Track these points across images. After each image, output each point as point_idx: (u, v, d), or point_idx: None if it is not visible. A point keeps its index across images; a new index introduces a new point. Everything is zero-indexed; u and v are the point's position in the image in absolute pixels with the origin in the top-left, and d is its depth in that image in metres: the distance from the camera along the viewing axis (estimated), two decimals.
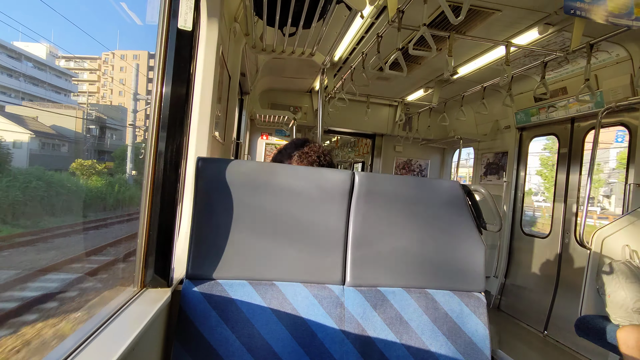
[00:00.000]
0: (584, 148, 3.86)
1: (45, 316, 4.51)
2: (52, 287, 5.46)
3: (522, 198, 4.64)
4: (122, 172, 20.71)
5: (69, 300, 5.13)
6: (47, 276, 5.81)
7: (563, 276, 3.86)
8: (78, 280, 5.86)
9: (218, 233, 1.06)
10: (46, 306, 4.77)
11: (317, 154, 1.51)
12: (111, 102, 48.88)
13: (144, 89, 45.22)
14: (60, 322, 4.43)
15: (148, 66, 53.71)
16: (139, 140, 32.46)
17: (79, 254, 7.19)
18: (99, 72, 52.69)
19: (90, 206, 13.71)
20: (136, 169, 19.72)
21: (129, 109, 39.48)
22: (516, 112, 4.39)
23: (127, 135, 34.15)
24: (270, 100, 5.62)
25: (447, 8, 2.06)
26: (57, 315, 4.61)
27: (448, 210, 1.20)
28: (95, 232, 10.23)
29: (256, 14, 2.29)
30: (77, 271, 6.26)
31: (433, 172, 6.32)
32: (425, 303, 1.14)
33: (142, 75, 49.45)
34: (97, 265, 6.44)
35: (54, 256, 7.02)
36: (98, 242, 8.22)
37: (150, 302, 0.97)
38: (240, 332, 1.01)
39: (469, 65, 3.81)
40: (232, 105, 3.06)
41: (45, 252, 7.36)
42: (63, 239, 8.70)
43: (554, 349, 3.60)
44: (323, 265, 1.13)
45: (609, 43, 2.93)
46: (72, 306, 4.95)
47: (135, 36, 72.58)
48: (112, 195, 15.26)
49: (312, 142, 1.57)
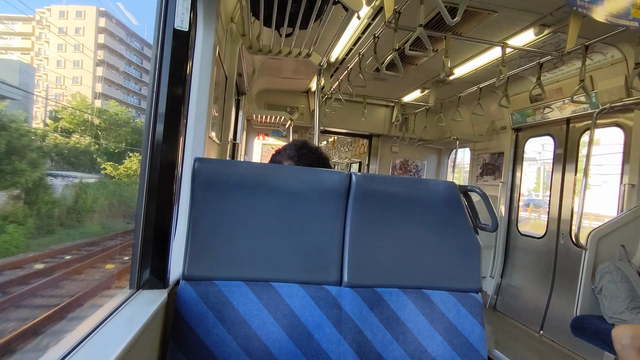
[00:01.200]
0: (580, 148, 3.88)
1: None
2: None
3: (517, 198, 4.66)
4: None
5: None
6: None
7: (559, 276, 3.88)
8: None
9: (215, 234, 1.06)
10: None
11: (316, 156, 1.52)
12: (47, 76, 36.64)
13: (90, 64, 38.84)
14: None
15: (97, 28, 40.99)
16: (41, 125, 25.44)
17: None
18: (33, 36, 39.20)
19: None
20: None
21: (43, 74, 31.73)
22: (512, 112, 4.41)
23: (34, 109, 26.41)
24: (267, 100, 5.62)
25: (443, 9, 2.06)
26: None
27: (444, 210, 1.20)
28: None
29: (253, 14, 2.28)
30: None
31: (429, 173, 6.34)
32: (422, 303, 1.15)
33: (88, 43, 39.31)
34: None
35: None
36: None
37: (146, 303, 0.96)
38: (237, 333, 1.01)
39: (465, 66, 3.83)
40: (229, 105, 3.06)
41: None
42: None
43: (549, 349, 3.61)
44: (320, 266, 1.12)
45: (604, 44, 2.95)
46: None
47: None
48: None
49: (311, 144, 1.58)
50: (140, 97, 46.81)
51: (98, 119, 26.32)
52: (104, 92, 41.18)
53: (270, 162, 1.55)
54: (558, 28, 2.84)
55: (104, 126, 26.39)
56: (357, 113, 5.21)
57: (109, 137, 25.81)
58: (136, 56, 47.93)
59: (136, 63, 47.71)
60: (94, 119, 25.89)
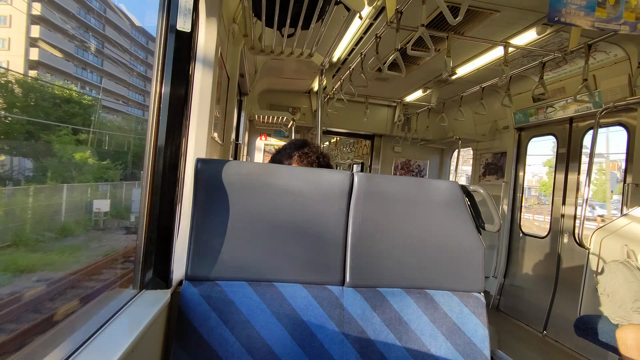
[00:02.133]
0: (582, 148, 3.87)
1: None
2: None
3: (520, 198, 4.64)
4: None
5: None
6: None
7: (562, 276, 3.87)
8: None
9: (217, 234, 1.06)
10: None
11: (317, 155, 1.52)
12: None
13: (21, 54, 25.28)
14: None
15: (30, 15, 27.21)
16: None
17: None
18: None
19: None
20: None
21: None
22: (515, 112, 4.39)
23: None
24: (269, 101, 5.62)
25: (445, 9, 2.06)
26: None
27: (447, 210, 1.20)
28: None
29: (255, 15, 2.29)
30: None
31: (432, 173, 6.33)
32: (425, 303, 1.14)
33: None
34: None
35: None
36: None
37: (149, 303, 0.97)
38: (240, 334, 1.01)
39: (468, 66, 3.82)
40: (231, 106, 3.06)
41: None
42: None
43: (553, 349, 3.60)
44: (322, 266, 1.13)
45: (607, 43, 2.94)
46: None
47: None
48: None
49: (312, 143, 1.58)
50: (103, 74, 34.62)
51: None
52: (44, 61, 28.39)
53: (271, 161, 1.56)
54: (561, 27, 2.82)
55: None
56: (359, 113, 5.21)
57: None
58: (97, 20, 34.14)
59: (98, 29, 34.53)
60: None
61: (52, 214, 9.39)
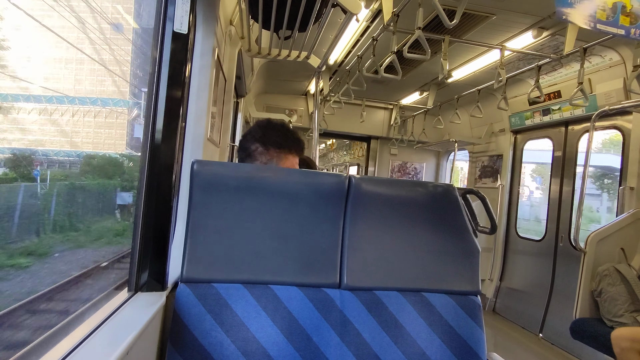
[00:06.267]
0: (578, 151, 3.89)
1: None
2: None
3: (516, 201, 4.66)
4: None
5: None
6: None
7: (558, 279, 3.88)
8: None
9: (213, 236, 1.06)
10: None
11: (284, 132, 1.44)
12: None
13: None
14: None
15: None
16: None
17: None
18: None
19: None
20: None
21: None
22: (511, 115, 4.41)
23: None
24: (265, 103, 5.63)
25: (441, 12, 2.07)
26: None
27: (443, 213, 1.20)
28: None
29: (252, 17, 2.29)
30: None
31: (428, 175, 6.35)
32: (421, 306, 1.14)
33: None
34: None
35: None
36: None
37: (144, 305, 0.96)
38: (235, 336, 1.01)
39: (464, 69, 3.84)
40: (228, 108, 3.05)
41: None
42: None
43: (549, 352, 3.61)
44: (318, 268, 1.12)
45: (603, 47, 2.96)
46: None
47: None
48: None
49: (276, 120, 1.50)
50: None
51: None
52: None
53: (239, 149, 1.47)
54: (556, 31, 2.84)
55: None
56: (356, 115, 5.22)
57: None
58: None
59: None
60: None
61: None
